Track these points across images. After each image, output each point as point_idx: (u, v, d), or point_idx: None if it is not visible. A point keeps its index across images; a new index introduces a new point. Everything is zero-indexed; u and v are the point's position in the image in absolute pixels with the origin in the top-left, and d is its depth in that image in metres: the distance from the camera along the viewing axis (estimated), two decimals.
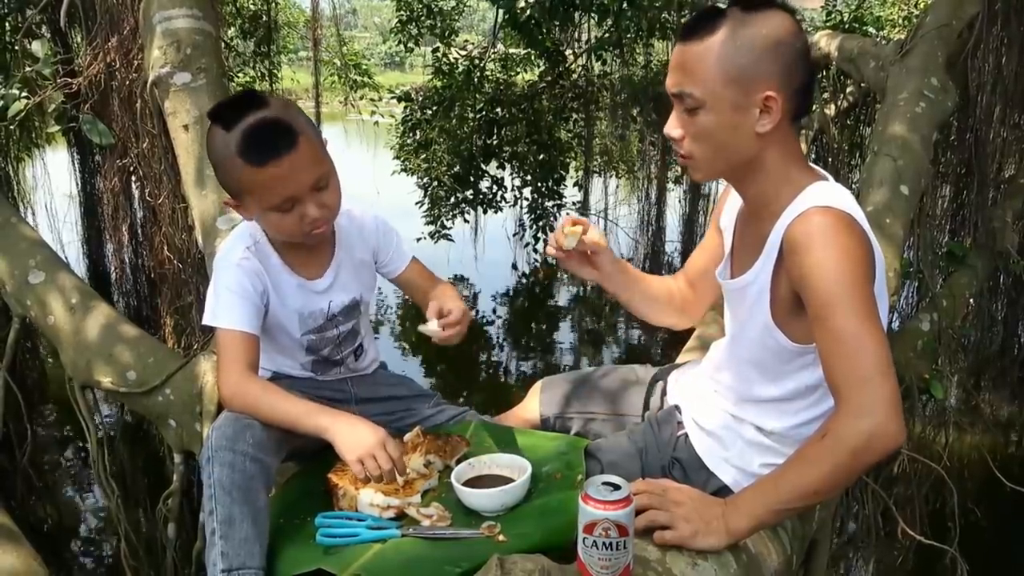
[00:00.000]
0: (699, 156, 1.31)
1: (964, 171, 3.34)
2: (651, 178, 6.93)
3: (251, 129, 1.31)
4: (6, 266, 2.25)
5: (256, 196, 1.36)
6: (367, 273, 1.61)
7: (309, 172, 1.35)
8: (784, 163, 1.31)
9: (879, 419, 1.12)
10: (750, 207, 1.40)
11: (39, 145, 4.65)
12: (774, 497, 1.22)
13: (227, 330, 1.42)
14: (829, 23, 5.53)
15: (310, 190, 1.36)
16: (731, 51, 1.23)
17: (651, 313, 1.70)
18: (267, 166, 1.31)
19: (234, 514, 1.24)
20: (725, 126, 1.27)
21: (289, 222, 1.38)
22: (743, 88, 1.24)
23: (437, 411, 1.67)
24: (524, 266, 7.48)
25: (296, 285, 1.50)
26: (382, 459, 1.27)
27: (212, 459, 1.28)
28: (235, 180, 1.36)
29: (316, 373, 1.60)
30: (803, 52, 1.27)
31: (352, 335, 1.61)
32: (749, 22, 1.24)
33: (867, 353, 1.14)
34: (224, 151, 1.33)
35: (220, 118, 1.35)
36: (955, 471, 2.78)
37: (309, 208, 1.37)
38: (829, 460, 1.17)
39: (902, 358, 2.51)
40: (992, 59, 3.07)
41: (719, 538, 1.22)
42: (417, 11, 6.38)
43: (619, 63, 6.43)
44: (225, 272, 1.45)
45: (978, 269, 2.98)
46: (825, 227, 1.20)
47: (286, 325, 1.52)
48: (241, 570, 1.22)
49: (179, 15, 2.34)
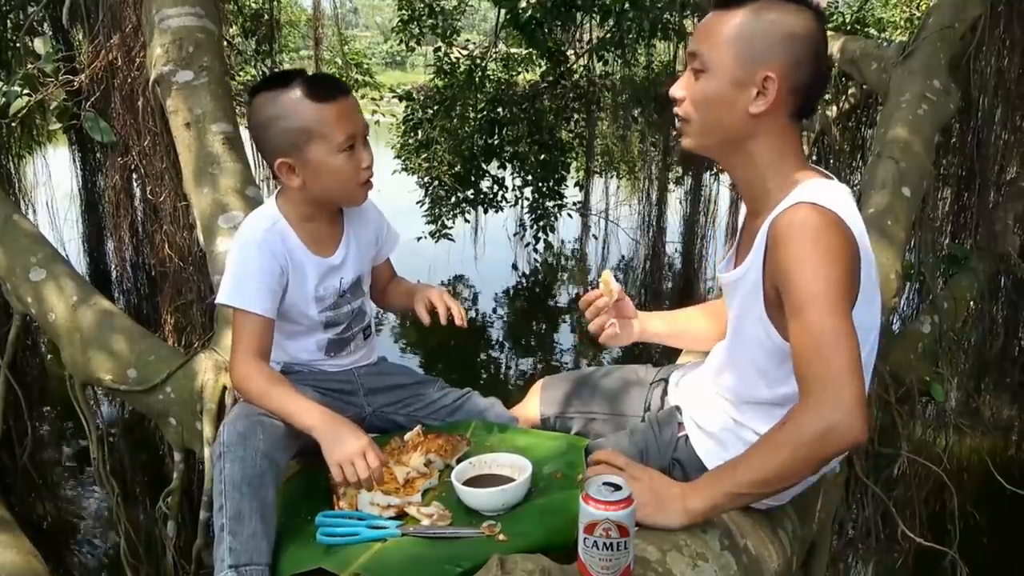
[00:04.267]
0: (693, 120, 1.34)
1: (966, 173, 3.34)
2: (652, 179, 6.92)
3: (314, 76, 1.46)
4: (7, 263, 2.25)
5: (324, 135, 1.43)
6: (369, 253, 1.66)
7: (361, 117, 1.49)
8: (778, 156, 1.32)
9: (842, 413, 1.13)
10: (746, 199, 1.42)
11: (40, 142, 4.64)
12: (731, 482, 1.22)
13: (243, 312, 1.45)
14: (831, 25, 5.52)
15: (363, 136, 1.48)
16: (748, 28, 1.27)
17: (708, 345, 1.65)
18: (336, 100, 1.43)
19: (243, 510, 1.25)
20: (722, 97, 1.29)
21: (350, 167, 1.46)
22: (747, 65, 1.27)
23: (442, 394, 1.70)
24: (524, 266, 7.48)
25: (314, 263, 1.53)
26: (360, 467, 1.29)
27: (224, 455, 1.30)
28: (298, 128, 1.42)
29: (331, 354, 1.61)
30: (817, 53, 1.29)
31: (361, 314, 1.65)
32: (775, 8, 1.28)
33: (838, 350, 1.15)
34: (283, 105, 1.42)
35: (271, 84, 1.46)
36: (955, 474, 2.78)
37: (364, 154, 1.47)
38: (786, 449, 1.17)
39: (903, 360, 2.51)
40: (994, 61, 3.07)
41: (677, 517, 1.23)
42: (419, 10, 6.38)
43: (621, 63, 6.42)
44: (244, 252, 1.48)
45: (979, 272, 2.98)
46: (808, 223, 1.20)
47: (303, 304, 1.54)
48: (249, 566, 1.22)
49: (181, 13, 2.34)
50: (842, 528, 2.62)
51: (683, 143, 1.40)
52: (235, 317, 1.47)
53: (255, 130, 1.49)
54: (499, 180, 6.75)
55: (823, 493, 1.67)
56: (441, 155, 6.46)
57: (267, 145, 1.48)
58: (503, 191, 6.78)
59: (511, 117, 6.51)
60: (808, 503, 1.62)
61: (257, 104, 1.46)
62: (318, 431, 1.34)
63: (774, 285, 1.26)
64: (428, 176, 6.57)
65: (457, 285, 7.31)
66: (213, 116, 2.26)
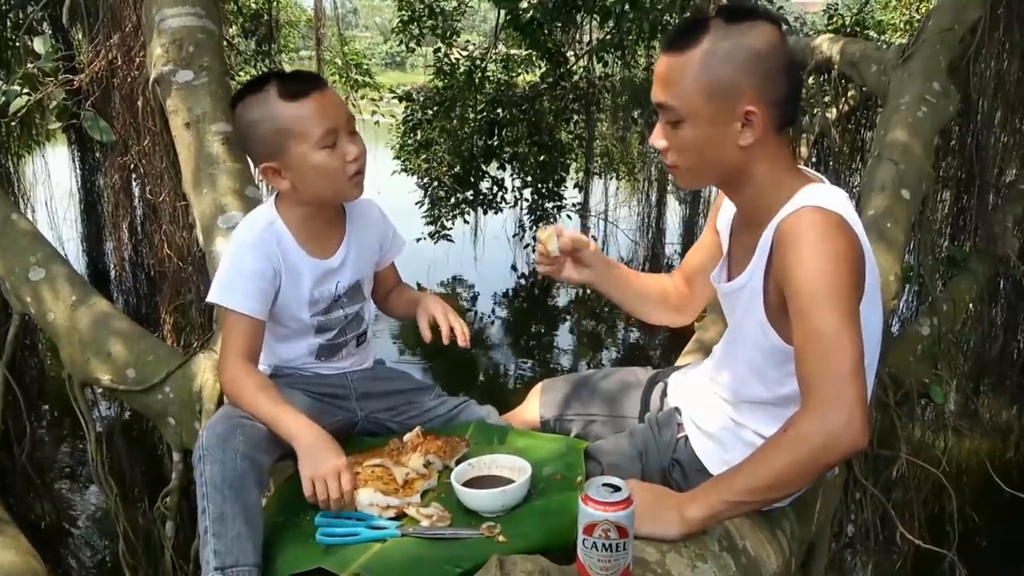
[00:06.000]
0: (684, 167, 1.32)
1: (965, 176, 3.35)
2: (651, 180, 6.94)
3: (285, 76, 1.45)
4: (6, 263, 2.25)
5: (301, 135, 1.40)
6: (371, 258, 1.64)
7: (342, 108, 1.46)
8: (773, 172, 1.31)
9: (844, 420, 1.12)
10: (744, 214, 1.41)
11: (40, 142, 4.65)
12: (729, 489, 1.21)
13: (233, 312, 1.44)
14: (831, 27, 5.53)
15: (346, 129, 1.44)
16: (710, 64, 1.23)
17: (646, 311, 1.70)
18: (309, 97, 1.41)
19: (226, 512, 1.24)
20: (707, 140, 1.27)
21: (334, 162, 1.43)
22: (723, 102, 1.24)
23: (439, 403, 1.68)
24: (524, 267, 7.48)
25: (309, 266, 1.52)
26: (332, 487, 1.28)
27: (203, 457, 1.29)
28: (276, 129, 1.41)
29: (321, 359, 1.60)
30: (786, 62, 1.26)
31: (357, 320, 1.62)
32: (730, 34, 1.23)
33: (842, 353, 1.14)
34: (260, 108, 1.41)
35: (247, 90, 1.44)
36: (954, 476, 2.79)
37: (349, 146, 1.44)
38: (787, 455, 1.16)
39: (902, 362, 2.51)
40: (993, 64, 3.08)
41: (675, 528, 1.23)
42: (419, 11, 6.38)
43: (620, 65, 6.42)
44: (238, 253, 1.47)
45: (978, 274, 2.99)
46: (814, 225, 1.20)
47: (295, 307, 1.53)
48: (235, 567, 1.22)
49: (181, 13, 2.34)
50: (841, 530, 2.62)
51: (680, 185, 1.39)
52: (224, 317, 1.46)
53: (240, 138, 1.49)
54: (499, 181, 6.75)
55: (822, 494, 1.68)
56: (441, 156, 6.45)
57: (251, 151, 1.48)
58: (502, 192, 6.78)
59: (511, 118, 6.51)
60: (807, 504, 1.62)
61: (237, 112, 1.46)
62: (299, 444, 1.33)
63: (778, 289, 1.26)
64: (427, 177, 6.56)
65: (456, 286, 7.31)
66: (213, 116, 2.26)
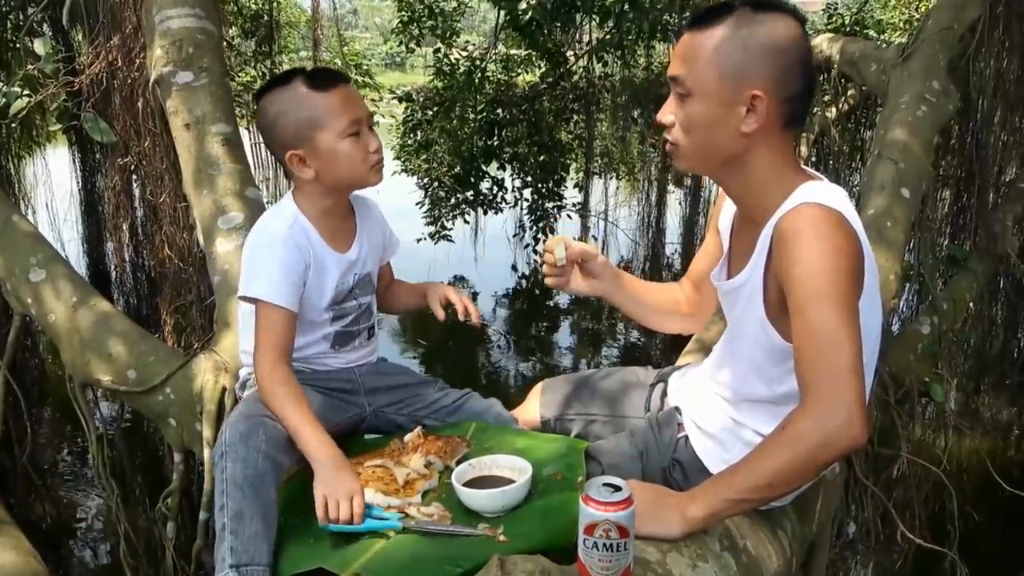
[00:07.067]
0: (684, 145, 1.32)
1: (965, 175, 3.35)
2: (651, 180, 6.92)
3: (314, 70, 1.52)
4: (6, 264, 2.25)
5: (329, 124, 1.47)
6: (379, 252, 1.69)
7: (363, 103, 1.54)
8: (773, 166, 1.30)
9: (843, 417, 1.12)
10: (742, 210, 1.40)
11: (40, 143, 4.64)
12: (729, 487, 1.21)
13: (270, 305, 1.46)
14: (830, 26, 5.53)
15: (367, 122, 1.52)
16: (729, 46, 1.24)
17: (659, 321, 1.71)
18: (337, 88, 1.49)
19: (244, 510, 1.26)
20: (711, 119, 1.27)
21: (359, 151, 1.50)
22: (733, 85, 1.24)
23: (443, 395, 1.70)
24: (524, 267, 7.48)
25: (334, 258, 1.56)
26: (343, 509, 1.28)
27: (226, 454, 1.31)
28: (304, 119, 1.47)
29: (336, 347, 1.63)
30: (803, 60, 1.27)
31: (368, 311, 1.67)
32: (754, 21, 1.24)
33: (841, 350, 1.13)
34: (288, 99, 1.48)
35: (272, 84, 1.52)
36: (954, 475, 2.78)
37: (371, 139, 1.52)
38: (787, 453, 1.16)
39: (902, 361, 2.51)
40: (993, 63, 3.09)
41: (676, 527, 1.23)
42: (418, 12, 6.38)
43: (620, 65, 6.41)
44: (269, 246, 1.49)
45: (978, 273, 2.99)
46: (814, 221, 1.20)
47: (316, 299, 1.56)
48: (250, 566, 1.23)
49: (181, 14, 2.34)
50: (842, 529, 2.62)
51: (676, 166, 1.39)
52: (260, 311, 1.47)
53: (263, 131, 1.53)
54: (499, 181, 6.74)
55: (823, 493, 1.68)
56: (441, 156, 6.45)
57: (276, 141, 1.51)
58: (503, 192, 6.77)
59: (511, 118, 6.50)
60: (808, 503, 1.62)
61: (262, 105, 1.51)
62: (319, 464, 1.33)
63: (778, 286, 1.26)
64: (428, 177, 6.56)
65: (457, 286, 7.29)
66: (213, 117, 2.27)
